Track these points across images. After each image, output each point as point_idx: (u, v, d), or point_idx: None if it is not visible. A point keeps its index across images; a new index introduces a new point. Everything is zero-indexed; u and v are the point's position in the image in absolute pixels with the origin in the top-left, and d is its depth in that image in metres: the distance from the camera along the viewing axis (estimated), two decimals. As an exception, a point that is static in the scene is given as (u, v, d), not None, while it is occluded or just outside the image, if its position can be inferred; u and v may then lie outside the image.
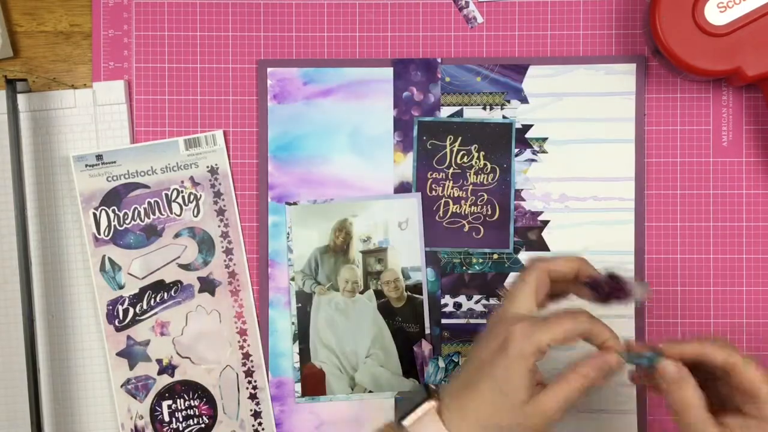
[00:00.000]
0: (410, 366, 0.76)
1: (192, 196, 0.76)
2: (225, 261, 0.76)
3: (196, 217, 0.76)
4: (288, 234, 0.76)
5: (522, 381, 0.59)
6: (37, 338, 0.73)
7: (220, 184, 0.76)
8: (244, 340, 0.76)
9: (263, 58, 0.77)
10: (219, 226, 0.76)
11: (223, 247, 0.76)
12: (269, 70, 0.77)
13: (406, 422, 0.61)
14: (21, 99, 0.75)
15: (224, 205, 0.76)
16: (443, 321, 0.76)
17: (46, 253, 0.76)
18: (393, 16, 0.77)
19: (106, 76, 0.77)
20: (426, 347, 0.76)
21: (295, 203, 0.77)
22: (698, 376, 0.61)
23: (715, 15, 0.69)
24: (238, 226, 0.76)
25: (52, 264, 0.76)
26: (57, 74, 0.78)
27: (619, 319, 0.75)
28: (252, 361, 0.76)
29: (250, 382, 0.76)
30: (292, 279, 0.76)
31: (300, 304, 0.76)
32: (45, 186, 0.76)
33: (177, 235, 0.76)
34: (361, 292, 0.76)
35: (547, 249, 0.76)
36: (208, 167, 0.76)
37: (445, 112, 0.76)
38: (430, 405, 0.61)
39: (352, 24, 0.77)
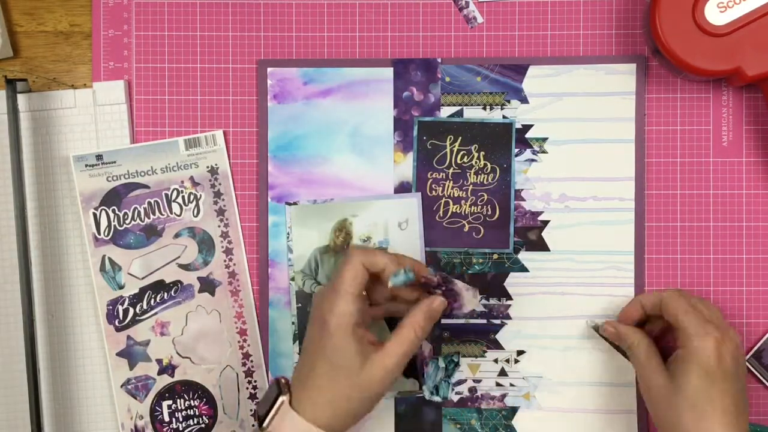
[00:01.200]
0: (410, 366, 0.76)
1: (192, 196, 0.76)
2: (225, 261, 0.76)
3: (196, 217, 0.76)
4: (288, 234, 0.76)
5: (350, 349, 0.63)
6: (37, 338, 0.73)
7: (220, 184, 0.76)
8: (244, 340, 0.76)
9: (263, 58, 0.77)
10: (219, 226, 0.76)
11: (223, 247, 0.76)
12: (269, 70, 0.77)
13: (266, 425, 0.64)
14: (21, 99, 0.75)
15: (224, 205, 0.76)
16: (443, 321, 0.76)
17: (46, 253, 0.76)
18: (393, 16, 0.77)
19: (106, 76, 0.77)
20: (426, 347, 0.76)
21: (295, 203, 0.77)
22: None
23: (715, 15, 0.69)
24: (238, 226, 0.76)
25: (52, 264, 0.76)
26: (57, 74, 0.78)
27: (619, 319, 0.75)
28: (252, 361, 0.76)
29: (250, 382, 0.76)
30: (292, 279, 0.76)
31: (300, 304, 0.76)
32: (45, 186, 0.76)
33: (177, 235, 0.76)
34: (361, 292, 0.76)
35: (547, 249, 0.76)
36: (208, 167, 0.76)
37: (445, 112, 0.76)
38: (281, 400, 0.64)
39: (352, 24, 0.77)
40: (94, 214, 0.76)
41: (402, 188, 0.76)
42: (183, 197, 0.76)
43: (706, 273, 0.76)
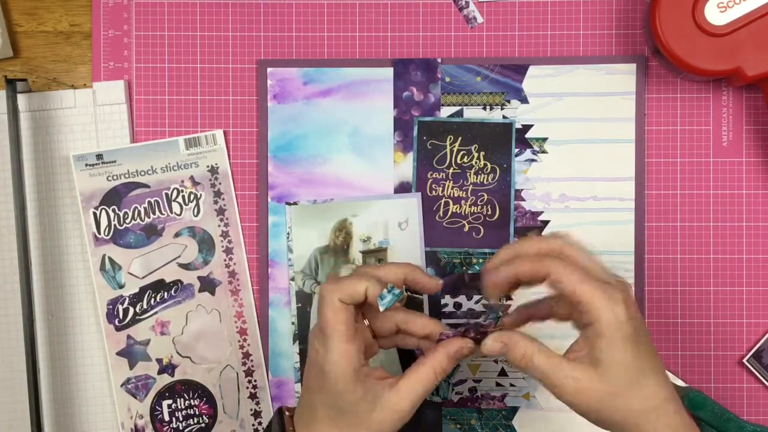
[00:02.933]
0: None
1: (192, 196, 0.76)
2: (225, 260, 0.76)
3: (196, 216, 0.76)
4: (288, 234, 0.76)
5: (355, 395, 0.58)
6: (37, 338, 0.73)
7: (220, 183, 0.76)
8: (244, 340, 0.76)
9: (263, 58, 0.77)
10: (219, 226, 0.76)
11: (223, 247, 0.76)
12: (269, 70, 0.77)
13: None
14: (21, 99, 0.75)
15: (224, 205, 0.76)
16: (443, 321, 0.76)
17: (46, 253, 0.76)
18: (393, 16, 0.77)
19: (106, 76, 0.77)
20: (426, 347, 0.76)
21: (295, 203, 0.77)
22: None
23: (715, 15, 0.69)
24: (238, 225, 0.76)
25: (52, 264, 0.76)
26: (57, 74, 0.78)
27: (619, 319, 0.75)
28: (252, 360, 0.76)
29: (250, 382, 0.76)
30: (292, 279, 0.76)
31: (300, 304, 0.76)
32: (45, 186, 0.76)
33: (177, 235, 0.76)
34: (361, 292, 0.76)
35: (547, 249, 0.76)
36: (208, 167, 0.76)
37: (445, 112, 0.76)
38: None
39: (352, 24, 0.77)
40: (94, 214, 0.75)
41: (402, 188, 0.76)
42: (183, 197, 0.76)
43: (706, 273, 0.76)
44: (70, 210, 0.76)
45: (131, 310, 0.75)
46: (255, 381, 0.76)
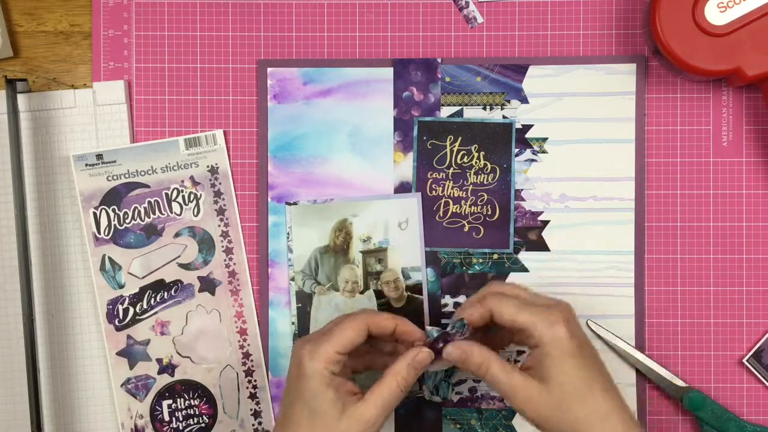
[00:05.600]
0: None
1: (192, 196, 0.76)
2: (225, 260, 0.76)
3: (196, 216, 0.76)
4: (288, 234, 0.76)
5: (326, 395, 0.62)
6: (37, 338, 0.73)
7: (220, 183, 0.76)
8: (244, 340, 0.76)
9: (263, 58, 0.77)
10: (219, 226, 0.76)
11: (223, 247, 0.76)
12: (269, 70, 0.77)
13: None
14: (21, 99, 0.75)
15: (224, 205, 0.76)
16: (443, 321, 0.76)
17: (46, 253, 0.76)
18: (393, 16, 0.77)
19: (106, 76, 0.77)
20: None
21: (295, 203, 0.77)
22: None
23: (715, 15, 0.69)
24: (238, 225, 0.76)
25: (52, 264, 0.76)
26: (57, 74, 0.78)
27: (618, 319, 0.75)
28: (252, 360, 0.76)
29: (250, 381, 0.76)
30: (292, 279, 0.76)
31: (300, 304, 0.76)
32: (45, 186, 0.76)
33: (177, 235, 0.76)
34: (361, 292, 0.76)
35: (547, 249, 0.76)
36: (208, 167, 0.76)
37: (445, 112, 0.76)
38: None
39: (352, 24, 0.77)
40: (94, 214, 0.75)
41: (402, 188, 0.76)
42: (183, 197, 0.76)
43: (706, 273, 0.76)
44: (70, 210, 0.76)
45: (131, 310, 0.75)
46: (255, 381, 0.76)
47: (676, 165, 0.76)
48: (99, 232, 0.75)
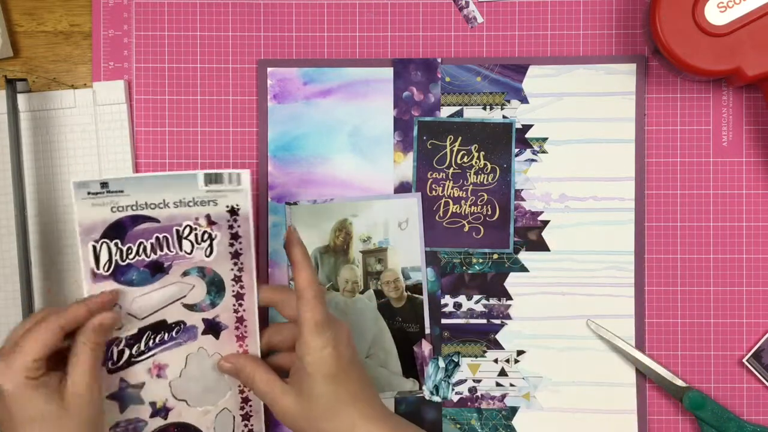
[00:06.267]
0: (410, 366, 0.76)
1: (206, 235, 0.68)
2: (234, 306, 0.70)
3: (208, 257, 0.69)
4: (288, 234, 0.76)
5: (38, 400, 0.62)
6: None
7: (239, 226, 0.68)
8: (244, 384, 0.71)
9: (263, 58, 0.77)
10: (232, 270, 0.69)
11: (234, 292, 0.70)
12: (269, 70, 0.77)
13: None
14: (21, 99, 0.75)
15: (240, 249, 0.69)
16: (443, 321, 0.76)
17: (46, 253, 0.76)
18: (393, 16, 0.77)
19: (106, 76, 0.77)
20: (426, 347, 0.76)
21: (295, 203, 0.77)
22: None
23: (715, 15, 0.69)
24: (253, 271, 0.69)
25: (51, 264, 0.76)
26: (57, 74, 0.78)
27: (619, 319, 0.75)
28: (251, 405, 0.72)
29: (246, 426, 0.72)
30: (292, 279, 0.76)
31: (300, 304, 0.76)
32: (45, 186, 0.76)
33: (185, 274, 0.69)
34: (361, 292, 0.76)
35: (547, 249, 0.76)
36: (227, 207, 0.68)
37: (445, 112, 0.76)
38: None
39: (352, 24, 0.77)
40: (94, 248, 0.67)
41: (402, 188, 0.76)
42: (196, 235, 0.68)
43: (706, 273, 0.76)
44: (69, 210, 0.76)
45: (126, 352, 0.69)
46: (252, 426, 0.72)
47: (676, 165, 0.76)
48: (98, 268, 0.67)
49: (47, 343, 0.62)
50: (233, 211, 0.68)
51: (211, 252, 0.69)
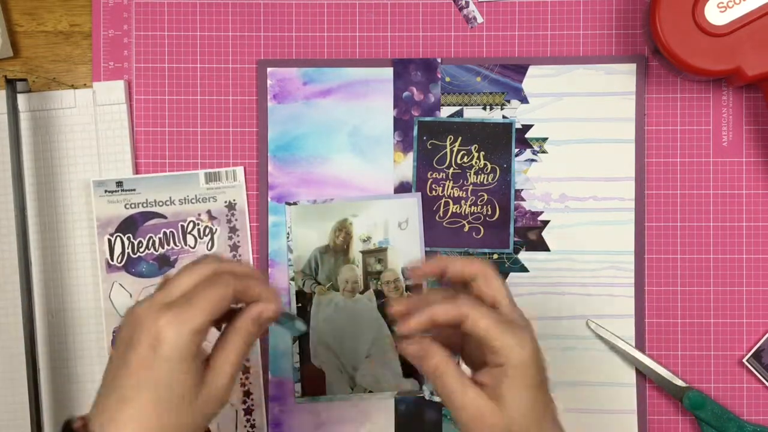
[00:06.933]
0: (410, 366, 0.76)
1: (207, 230, 0.75)
2: None
3: (210, 250, 0.75)
4: (288, 234, 0.76)
5: (188, 375, 0.53)
6: (37, 339, 0.73)
7: (236, 219, 0.76)
8: (246, 378, 0.75)
9: (263, 58, 0.77)
10: None
11: None
12: (269, 70, 0.77)
13: None
14: (21, 99, 0.75)
15: (238, 242, 0.76)
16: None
17: (46, 253, 0.76)
18: (393, 16, 0.77)
19: (106, 76, 0.77)
20: (426, 347, 0.76)
21: (295, 203, 0.77)
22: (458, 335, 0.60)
23: (715, 15, 0.69)
24: (251, 263, 0.76)
25: (52, 264, 0.76)
26: (57, 74, 0.78)
27: (619, 319, 0.75)
28: (252, 399, 0.75)
29: (248, 420, 0.75)
30: (292, 279, 0.76)
31: (300, 304, 0.76)
32: (45, 186, 0.76)
33: None
34: (361, 292, 0.76)
35: (547, 249, 0.76)
36: (226, 202, 0.76)
37: (445, 112, 0.76)
38: None
39: (352, 24, 0.77)
40: (109, 240, 0.75)
41: (402, 188, 0.76)
42: (198, 230, 0.75)
43: (706, 273, 0.76)
44: (69, 210, 0.76)
45: None
46: (254, 420, 0.75)
47: (676, 165, 0.76)
48: (112, 259, 0.75)
49: (219, 308, 0.54)
50: (231, 206, 0.75)
51: (212, 246, 0.75)
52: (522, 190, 0.76)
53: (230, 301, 0.55)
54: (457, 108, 0.76)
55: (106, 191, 0.75)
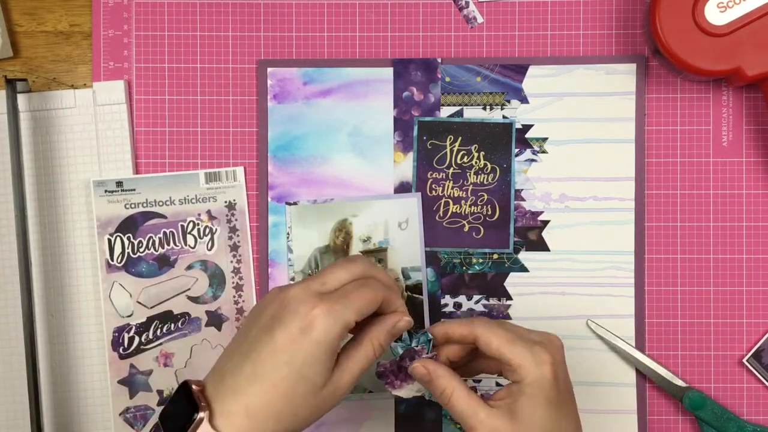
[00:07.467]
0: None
1: (207, 230, 0.75)
2: (234, 297, 0.75)
3: (209, 250, 0.75)
4: (288, 234, 0.76)
5: (326, 365, 0.56)
6: (37, 339, 0.73)
7: (236, 219, 0.76)
8: None
9: (263, 58, 0.77)
10: (231, 262, 0.76)
11: (233, 283, 0.75)
12: (269, 70, 0.77)
13: None
14: (21, 99, 0.75)
15: (238, 241, 0.76)
16: (442, 320, 0.76)
17: (46, 253, 0.76)
18: (393, 16, 0.77)
19: (106, 76, 0.77)
20: (426, 347, 0.76)
21: (295, 203, 0.77)
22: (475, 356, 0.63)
23: (715, 15, 0.69)
24: (251, 264, 0.76)
25: (52, 264, 0.76)
26: (57, 74, 0.78)
27: (619, 319, 0.75)
28: None
29: None
30: (292, 279, 0.76)
31: (300, 304, 0.76)
32: (45, 186, 0.76)
33: (189, 267, 0.75)
34: (361, 292, 0.76)
35: (547, 249, 0.76)
36: (225, 202, 0.76)
37: (445, 112, 0.76)
38: (200, 417, 0.55)
39: (352, 24, 0.77)
40: (109, 240, 0.75)
41: (402, 188, 0.76)
42: (198, 230, 0.75)
43: (706, 273, 0.76)
44: (70, 210, 0.76)
45: (136, 339, 0.75)
46: None
47: (676, 165, 0.76)
48: (112, 259, 0.75)
49: (368, 310, 0.57)
50: (231, 206, 0.75)
51: (212, 246, 0.75)
52: (522, 190, 0.76)
53: (377, 306, 0.59)
54: (457, 108, 0.76)
55: (106, 191, 0.75)
